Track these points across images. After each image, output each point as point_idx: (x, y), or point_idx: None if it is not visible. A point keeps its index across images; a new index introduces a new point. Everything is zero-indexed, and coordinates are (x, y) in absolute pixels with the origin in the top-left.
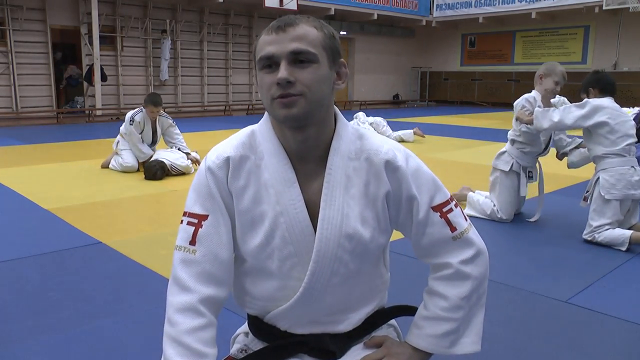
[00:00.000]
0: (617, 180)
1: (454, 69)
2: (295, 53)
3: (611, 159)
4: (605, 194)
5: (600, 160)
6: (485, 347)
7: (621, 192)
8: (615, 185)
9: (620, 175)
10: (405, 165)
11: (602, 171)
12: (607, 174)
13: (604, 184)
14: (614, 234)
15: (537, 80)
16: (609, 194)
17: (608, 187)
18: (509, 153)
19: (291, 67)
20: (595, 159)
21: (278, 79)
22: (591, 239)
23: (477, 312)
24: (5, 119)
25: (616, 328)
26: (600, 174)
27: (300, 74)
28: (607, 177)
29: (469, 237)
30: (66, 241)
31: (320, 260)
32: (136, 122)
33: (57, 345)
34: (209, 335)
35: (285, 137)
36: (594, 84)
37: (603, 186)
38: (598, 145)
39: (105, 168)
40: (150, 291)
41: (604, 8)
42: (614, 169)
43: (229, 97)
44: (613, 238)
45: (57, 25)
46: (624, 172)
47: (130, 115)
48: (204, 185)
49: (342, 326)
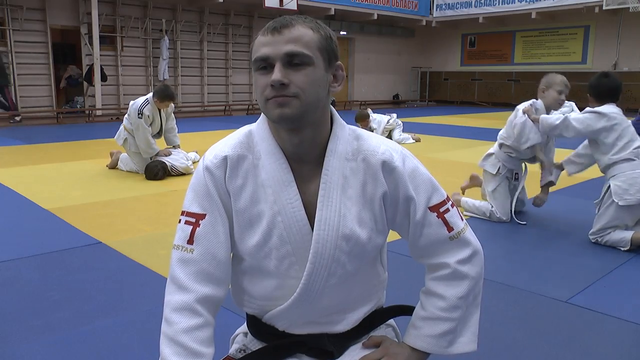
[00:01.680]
0: (630, 185)
1: (454, 69)
2: (289, 55)
3: (620, 165)
4: (619, 200)
5: (609, 169)
6: (486, 347)
7: (635, 196)
8: (628, 190)
9: (633, 180)
10: (402, 165)
11: (613, 178)
12: (619, 180)
13: (617, 191)
14: (615, 237)
15: (540, 94)
16: (623, 200)
17: (621, 193)
18: (496, 156)
19: (285, 69)
20: (605, 168)
21: (272, 80)
22: (594, 242)
23: (474, 311)
24: (5, 119)
25: (616, 328)
26: (611, 181)
27: (295, 76)
28: (619, 183)
29: (465, 237)
30: (66, 241)
31: (317, 261)
32: (145, 116)
33: (57, 345)
34: (206, 335)
35: (281, 138)
36: (591, 90)
37: (616, 192)
38: (604, 155)
39: (112, 169)
40: (150, 291)
41: (604, 8)
42: (624, 174)
43: (229, 97)
44: (615, 241)
45: (57, 25)
46: (635, 175)
47: (138, 108)
48: (201, 185)
49: (340, 326)
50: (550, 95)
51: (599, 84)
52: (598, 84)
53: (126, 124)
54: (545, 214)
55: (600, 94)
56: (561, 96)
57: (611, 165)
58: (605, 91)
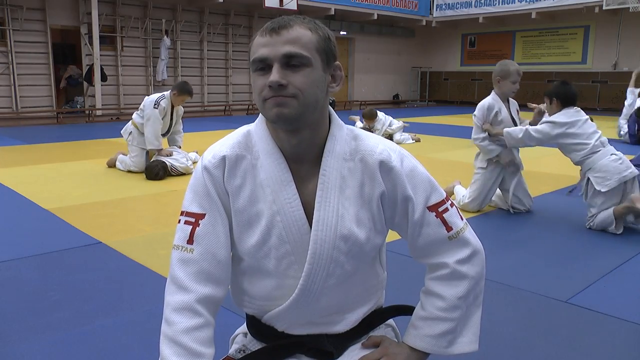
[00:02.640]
0: (605, 172)
1: (454, 69)
2: (287, 56)
3: (591, 158)
4: (601, 187)
5: (582, 164)
6: (486, 347)
7: (613, 179)
8: (606, 177)
9: (606, 167)
10: (400, 165)
11: (589, 171)
12: (594, 172)
13: (596, 181)
14: (602, 217)
15: (495, 84)
16: (604, 187)
17: (600, 182)
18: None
19: (284, 70)
20: (578, 163)
21: (270, 81)
22: (588, 227)
23: (474, 311)
24: (5, 119)
25: (616, 328)
26: (589, 174)
27: (293, 77)
28: (597, 174)
29: (464, 236)
30: (66, 241)
31: (315, 261)
32: (161, 107)
33: (57, 345)
34: (206, 335)
35: (279, 138)
36: (557, 95)
37: (596, 182)
38: (573, 153)
39: (111, 167)
40: (150, 291)
41: (604, 8)
42: (597, 165)
43: (229, 97)
44: (602, 220)
45: (57, 25)
46: (606, 162)
47: (156, 99)
48: (200, 185)
49: (339, 326)
50: (506, 86)
51: (562, 91)
52: (562, 92)
53: (135, 118)
54: (545, 214)
55: (568, 98)
56: (515, 85)
57: (583, 161)
58: (571, 96)
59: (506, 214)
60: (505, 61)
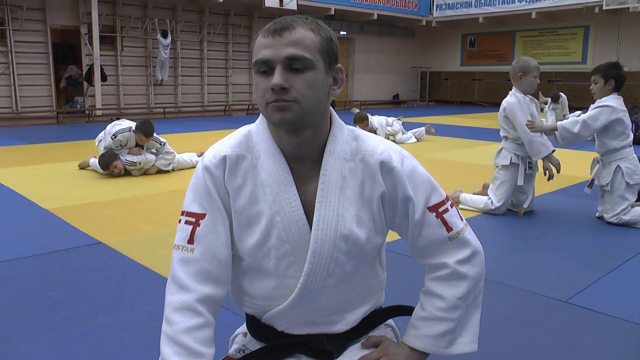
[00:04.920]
0: (636, 167)
1: (454, 69)
2: (290, 59)
3: (627, 149)
4: (630, 180)
5: (616, 152)
6: (486, 347)
7: None
8: (636, 171)
9: (637, 162)
10: (401, 166)
11: (621, 160)
12: (627, 162)
13: (627, 172)
14: (637, 212)
15: (516, 80)
16: (633, 180)
17: (631, 174)
18: (505, 148)
19: (286, 73)
20: (611, 150)
21: (272, 84)
22: (617, 221)
23: (474, 311)
24: (5, 119)
25: (616, 328)
26: (620, 162)
27: (295, 81)
28: (628, 165)
29: (465, 237)
30: (66, 241)
31: (315, 261)
32: (117, 140)
33: (57, 345)
34: (206, 335)
35: (280, 138)
36: (616, 77)
37: (627, 174)
38: (613, 140)
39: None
40: (150, 291)
41: (604, 8)
42: (630, 158)
43: (228, 97)
44: (637, 215)
45: (57, 25)
46: (636, 158)
47: (115, 131)
48: (201, 185)
49: (339, 326)
50: (528, 82)
51: (620, 75)
52: (620, 75)
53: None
54: (545, 214)
55: (621, 84)
56: (537, 80)
57: (619, 149)
58: (622, 82)
59: (506, 214)
60: (524, 57)
